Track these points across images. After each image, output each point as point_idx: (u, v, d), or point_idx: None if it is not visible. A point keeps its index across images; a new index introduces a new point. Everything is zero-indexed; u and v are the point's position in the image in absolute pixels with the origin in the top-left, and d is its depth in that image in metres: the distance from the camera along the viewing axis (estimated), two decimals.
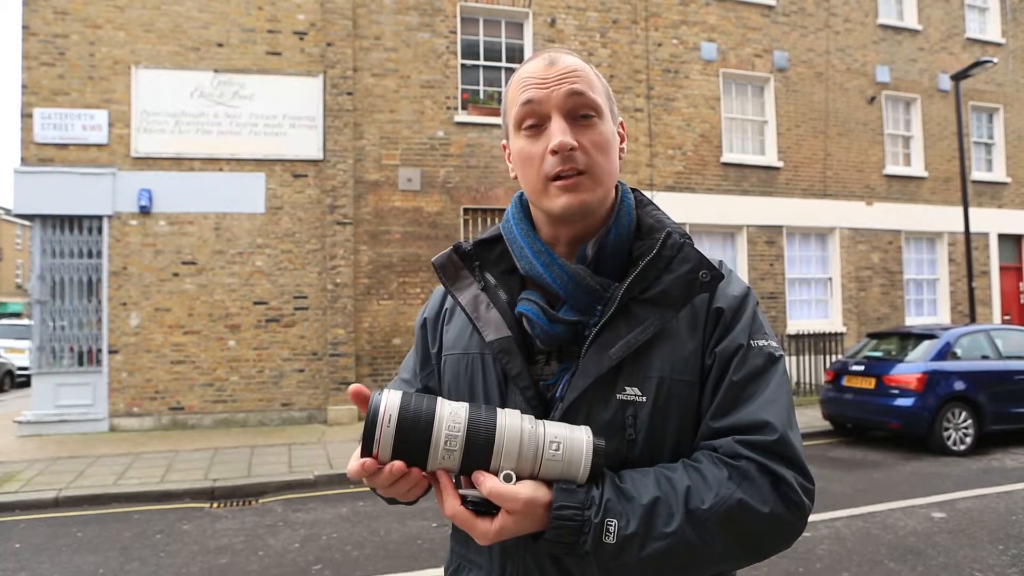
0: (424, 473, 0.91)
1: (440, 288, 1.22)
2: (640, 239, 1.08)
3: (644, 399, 0.98)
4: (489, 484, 0.88)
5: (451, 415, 0.89)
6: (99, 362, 9.86)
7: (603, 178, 1.03)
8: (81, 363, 9.87)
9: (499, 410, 0.92)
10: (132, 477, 7.08)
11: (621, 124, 1.10)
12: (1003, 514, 5.69)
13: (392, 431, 0.87)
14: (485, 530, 0.89)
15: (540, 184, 1.03)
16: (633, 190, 1.15)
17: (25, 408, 10.30)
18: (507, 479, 0.88)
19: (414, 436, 0.87)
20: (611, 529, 0.88)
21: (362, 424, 0.91)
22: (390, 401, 0.88)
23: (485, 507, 0.89)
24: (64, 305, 9.84)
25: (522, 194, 1.14)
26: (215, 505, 6.44)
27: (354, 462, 0.90)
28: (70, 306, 9.85)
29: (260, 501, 6.56)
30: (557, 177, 1.00)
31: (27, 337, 15.97)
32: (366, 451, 0.89)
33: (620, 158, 1.08)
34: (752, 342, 1.02)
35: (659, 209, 1.13)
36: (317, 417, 10.35)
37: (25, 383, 15.72)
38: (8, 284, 42.64)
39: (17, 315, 36.20)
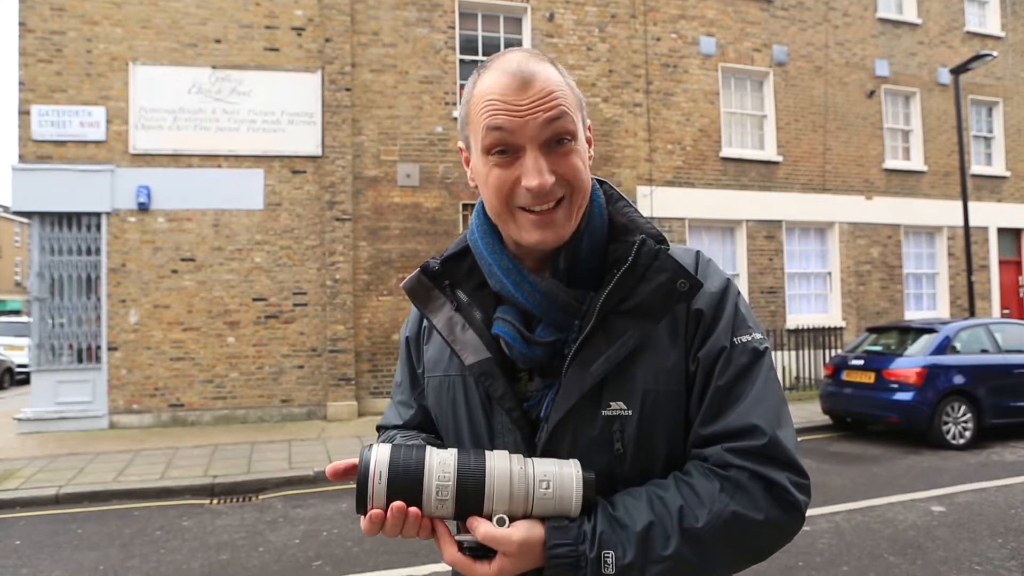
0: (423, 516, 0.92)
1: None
2: (614, 240, 1.03)
3: (630, 412, 0.96)
4: (483, 529, 0.88)
5: (440, 465, 0.90)
6: (98, 359, 9.86)
7: (579, 203, 0.98)
8: (80, 360, 9.87)
9: (487, 453, 0.92)
10: (132, 474, 7.08)
11: (588, 127, 1.04)
12: (1002, 508, 5.70)
13: (384, 487, 0.89)
14: (484, 574, 0.90)
15: (507, 212, 0.97)
16: (601, 183, 1.09)
17: (25, 405, 10.29)
18: (500, 523, 0.89)
19: (405, 490, 0.89)
20: (609, 561, 0.88)
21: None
22: (379, 457, 0.90)
23: (483, 551, 0.90)
24: (63, 302, 9.83)
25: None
26: (215, 501, 6.45)
27: (364, 521, 0.91)
28: (69, 303, 9.84)
29: (260, 497, 6.57)
30: (529, 209, 0.95)
31: (26, 334, 15.96)
32: (360, 508, 0.90)
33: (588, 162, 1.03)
34: (736, 339, 0.99)
35: (631, 205, 1.07)
36: (317, 413, 10.35)
37: (25, 380, 15.72)
38: (7, 281, 42.61)
39: (16, 312, 36.20)
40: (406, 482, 0.89)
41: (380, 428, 1.27)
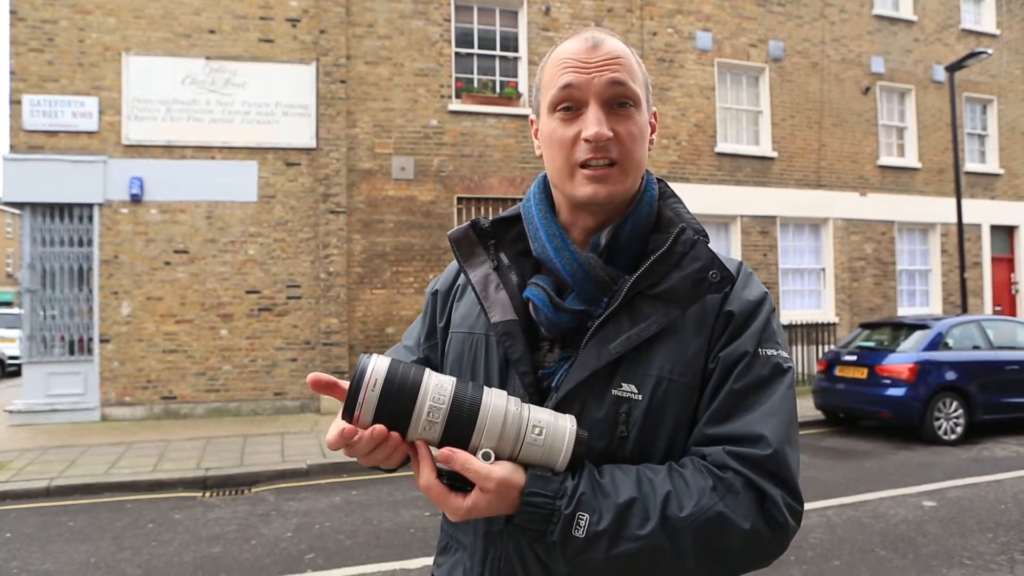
0: (404, 441, 0.90)
1: (455, 262, 1.20)
2: (657, 232, 1.05)
3: (640, 397, 0.96)
4: (463, 458, 0.86)
5: (437, 387, 0.88)
6: (90, 351, 9.81)
7: (632, 170, 1.02)
8: (72, 352, 9.82)
9: (486, 388, 0.91)
10: (124, 466, 7.05)
11: (654, 114, 1.09)
12: (992, 503, 5.73)
13: (376, 395, 0.86)
14: (456, 506, 0.88)
15: (567, 169, 1.01)
16: (659, 180, 1.12)
17: (16, 397, 10.24)
18: (485, 457, 0.87)
19: (398, 402, 0.87)
20: (582, 523, 0.86)
21: None
22: (378, 365, 0.87)
23: (460, 483, 0.88)
24: (55, 294, 9.77)
25: (546, 175, 1.13)
26: (207, 494, 6.43)
27: (333, 430, 0.89)
28: (61, 295, 9.79)
29: (253, 490, 6.55)
30: (586, 164, 0.99)
31: (18, 326, 15.87)
32: (347, 413, 0.87)
33: (649, 149, 1.07)
34: (760, 350, 0.98)
35: (681, 203, 1.10)
36: (310, 406, 10.34)
37: (16, 372, 15.66)
38: None
39: (8, 304, 35.99)
40: (400, 395, 0.86)
41: None
